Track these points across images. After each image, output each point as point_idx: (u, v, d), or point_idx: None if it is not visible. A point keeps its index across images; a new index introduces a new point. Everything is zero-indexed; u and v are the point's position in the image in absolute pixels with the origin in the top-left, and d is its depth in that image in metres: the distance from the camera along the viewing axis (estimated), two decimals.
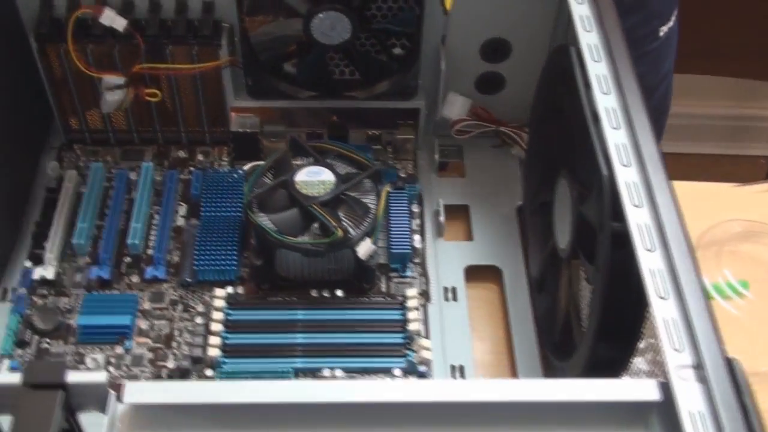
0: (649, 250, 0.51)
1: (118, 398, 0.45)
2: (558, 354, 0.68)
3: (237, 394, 0.46)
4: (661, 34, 0.96)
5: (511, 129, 0.84)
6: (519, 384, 0.48)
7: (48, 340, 0.70)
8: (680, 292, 0.49)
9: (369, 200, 0.72)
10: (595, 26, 0.62)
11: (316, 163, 0.73)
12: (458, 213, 0.82)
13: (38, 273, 0.73)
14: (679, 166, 1.32)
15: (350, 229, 0.69)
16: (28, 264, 0.74)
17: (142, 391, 0.45)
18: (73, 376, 0.45)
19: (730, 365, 0.46)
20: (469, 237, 0.81)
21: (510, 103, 0.83)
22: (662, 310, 0.49)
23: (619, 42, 0.61)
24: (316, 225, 0.69)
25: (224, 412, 0.46)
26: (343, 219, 0.70)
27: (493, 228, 0.81)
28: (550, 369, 0.70)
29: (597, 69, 0.60)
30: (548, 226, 0.72)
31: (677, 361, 0.47)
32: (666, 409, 0.46)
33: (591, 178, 0.60)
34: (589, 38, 0.62)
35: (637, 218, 0.53)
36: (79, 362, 0.69)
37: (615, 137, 0.56)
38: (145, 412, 0.46)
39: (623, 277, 0.55)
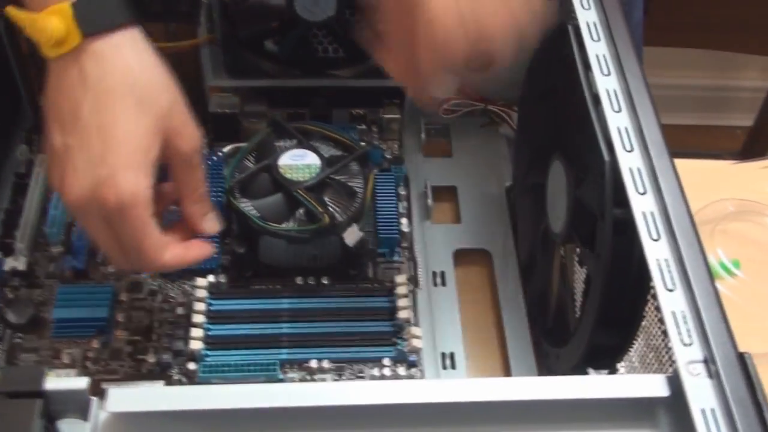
0: (654, 240, 0.49)
1: (101, 406, 0.43)
2: (551, 340, 0.66)
3: (228, 399, 0.43)
4: None
5: (500, 107, 0.81)
6: (524, 382, 0.45)
7: (21, 334, 0.67)
8: (688, 283, 0.47)
9: (356, 184, 0.69)
10: (593, 3, 0.60)
11: (300, 145, 0.70)
12: (445, 194, 0.80)
13: (9, 264, 0.69)
14: None
15: (337, 215, 0.67)
16: None
17: (127, 398, 0.43)
18: (52, 383, 0.43)
19: (743, 360, 0.44)
20: (457, 219, 0.78)
21: (498, 80, 0.80)
22: (670, 302, 0.47)
23: (618, 20, 0.59)
24: (301, 211, 0.67)
25: (214, 417, 0.44)
26: (329, 204, 0.67)
27: (481, 210, 0.79)
28: (542, 354, 0.69)
29: (597, 49, 0.57)
30: (540, 208, 0.70)
31: (687, 355, 0.45)
32: (674, 405, 0.44)
33: (588, 161, 0.58)
34: (587, 16, 0.59)
35: (642, 206, 0.51)
36: (54, 357, 0.65)
37: (617, 121, 0.54)
38: (129, 420, 0.43)
39: (624, 263, 0.54)
